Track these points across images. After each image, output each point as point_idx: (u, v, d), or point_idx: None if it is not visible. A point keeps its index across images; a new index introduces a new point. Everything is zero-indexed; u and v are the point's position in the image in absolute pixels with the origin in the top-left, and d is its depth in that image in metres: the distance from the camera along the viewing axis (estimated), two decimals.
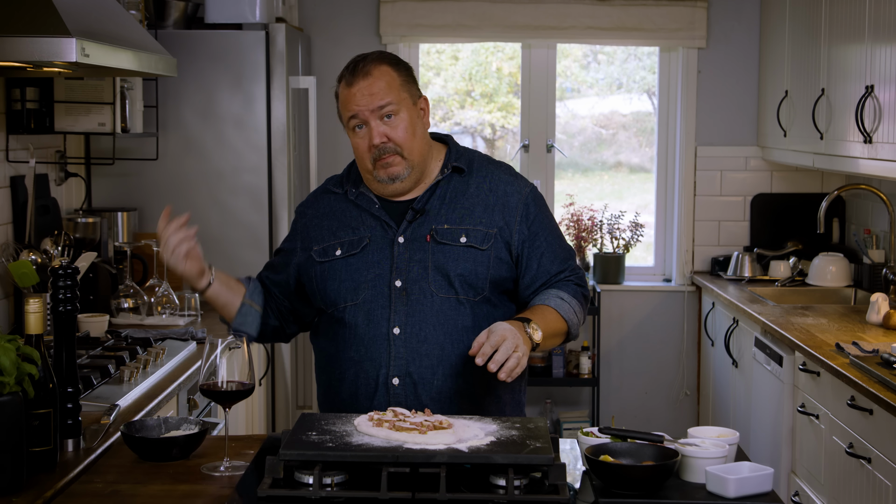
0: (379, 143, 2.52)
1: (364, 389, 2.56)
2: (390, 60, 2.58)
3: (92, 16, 3.13)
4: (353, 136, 2.57)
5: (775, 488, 2.14)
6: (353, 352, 2.57)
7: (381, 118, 2.53)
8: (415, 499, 2.00)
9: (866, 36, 4.06)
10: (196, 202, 4.65)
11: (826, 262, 5.08)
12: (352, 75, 2.54)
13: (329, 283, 2.60)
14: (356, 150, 2.57)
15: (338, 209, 2.66)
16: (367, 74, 2.53)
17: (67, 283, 2.34)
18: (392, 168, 2.55)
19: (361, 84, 2.52)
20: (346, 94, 2.55)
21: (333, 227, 2.64)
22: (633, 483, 2.09)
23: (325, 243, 2.63)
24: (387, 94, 2.52)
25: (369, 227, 2.61)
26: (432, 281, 2.55)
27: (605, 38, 5.57)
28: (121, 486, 2.18)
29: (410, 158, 2.56)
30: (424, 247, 2.57)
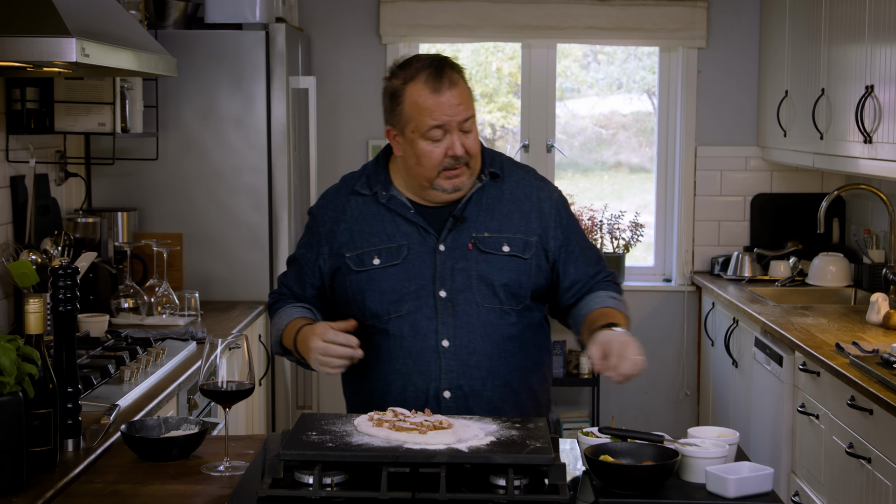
0: (461, 153, 2.48)
1: (413, 402, 2.52)
2: (458, 67, 2.54)
3: (92, 16, 3.13)
4: (423, 143, 2.48)
5: (775, 488, 2.14)
6: (399, 364, 2.54)
7: (462, 130, 2.49)
8: (415, 499, 2.00)
9: (866, 36, 4.06)
10: (196, 202, 4.65)
11: (826, 262, 5.08)
12: (437, 80, 2.47)
13: (369, 294, 2.55)
14: (426, 156, 2.49)
15: (368, 213, 2.59)
16: (454, 84, 2.48)
17: (67, 283, 2.34)
18: (459, 179, 2.52)
19: (451, 93, 2.47)
20: (430, 101, 2.46)
21: (366, 233, 2.57)
22: (633, 483, 2.09)
23: (360, 250, 2.56)
24: (470, 107, 2.50)
25: (405, 233, 2.56)
26: (477, 291, 2.53)
27: (605, 38, 5.57)
28: (121, 486, 2.18)
29: (474, 168, 2.55)
30: (467, 255, 2.54)
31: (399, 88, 2.51)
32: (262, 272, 4.66)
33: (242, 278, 4.65)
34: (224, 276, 4.65)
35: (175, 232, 4.64)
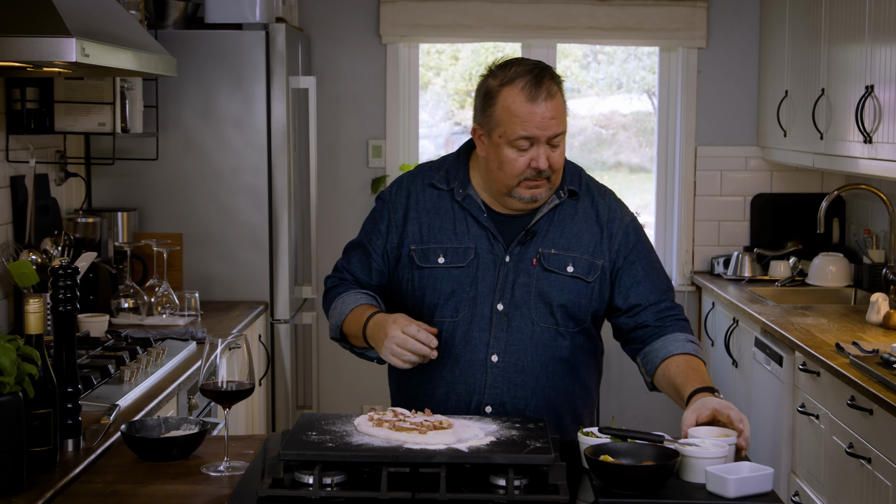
0: (544, 168, 2.43)
1: (454, 411, 2.51)
2: (559, 79, 2.47)
3: (92, 16, 3.13)
4: (508, 150, 2.43)
5: (775, 488, 2.14)
6: (446, 371, 2.52)
7: (551, 144, 2.44)
8: (415, 499, 2.00)
9: (866, 36, 4.06)
10: (196, 202, 4.65)
11: (826, 262, 5.08)
12: (535, 90, 2.40)
13: (428, 291, 2.52)
14: (509, 164, 2.44)
15: (441, 208, 2.55)
16: (552, 96, 2.41)
17: (67, 283, 2.34)
18: (538, 190, 2.47)
19: (547, 105, 2.40)
20: (524, 109, 2.40)
21: (435, 229, 2.54)
22: (633, 483, 2.09)
23: (426, 245, 2.53)
24: (563, 123, 2.44)
25: (474, 236, 2.52)
26: (534, 308, 2.50)
27: (605, 38, 5.57)
28: (121, 486, 2.18)
29: (555, 183, 2.50)
30: (530, 270, 2.51)
31: (495, 90, 2.45)
32: (262, 272, 4.66)
33: (242, 278, 4.65)
34: (224, 276, 4.65)
35: (175, 232, 4.64)
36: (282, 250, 4.68)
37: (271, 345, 4.70)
